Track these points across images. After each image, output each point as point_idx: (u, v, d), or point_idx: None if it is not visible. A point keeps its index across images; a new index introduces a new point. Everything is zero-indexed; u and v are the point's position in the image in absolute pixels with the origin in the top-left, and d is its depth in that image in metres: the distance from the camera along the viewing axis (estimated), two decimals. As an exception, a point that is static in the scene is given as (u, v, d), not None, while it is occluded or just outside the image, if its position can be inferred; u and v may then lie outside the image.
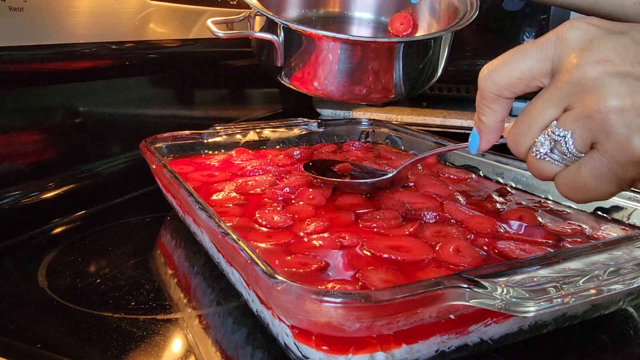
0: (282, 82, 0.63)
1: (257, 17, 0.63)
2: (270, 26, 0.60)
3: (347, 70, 0.58)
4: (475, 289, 0.31)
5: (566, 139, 0.31)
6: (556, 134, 0.32)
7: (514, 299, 0.30)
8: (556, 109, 0.32)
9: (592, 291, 0.32)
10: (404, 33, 0.70)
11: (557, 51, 0.31)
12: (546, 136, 0.32)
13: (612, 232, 0.49)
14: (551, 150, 0.32)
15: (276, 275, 0.31)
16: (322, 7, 0.76)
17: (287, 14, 0.74)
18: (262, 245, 0.45)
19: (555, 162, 0.33)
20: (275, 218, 0.50)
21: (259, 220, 0.50)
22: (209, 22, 0.60)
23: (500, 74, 0.34)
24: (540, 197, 0.58)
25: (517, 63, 0.33)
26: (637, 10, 0.50)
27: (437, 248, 0.44)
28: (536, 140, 0.33)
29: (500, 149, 0.66)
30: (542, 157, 0.33)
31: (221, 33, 0.59)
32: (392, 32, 0.72)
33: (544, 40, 0.32)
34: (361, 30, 0.75)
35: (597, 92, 0.29)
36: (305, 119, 0.83)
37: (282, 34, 0.58)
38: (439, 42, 0.60)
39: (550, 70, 0.32)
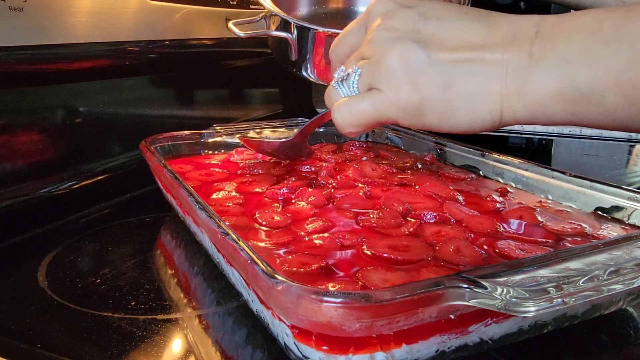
0: (297, 74, 0.71)
1: (273, 17, 0.70)
2: (284, 25, 0.68)
3: None
4: (475, 289, 0.31)
5: (354, 76, 0.40)
6: (349, 69, 0.40)
7: (514, 299, 0.30)
8: (357, 59, 0.40)
9: (592, 291, 0.32)
10: None
11: (367, 20, 0.41)
12: (342, 70, 0.41)
13: (612, 231, 0.49)
14: (341, 81, 0.41)
15: (276, 275, 0.31)
16: (329, 4, 0.83)
17: (299, 12, 0.82)
18: (262, 244, 0.45)
19: (340, 90, 0.41)
20: (275, 218, 0.50)
21: (259, 220, 0.50)
22: (230, 24, 0.69)
23: (338, 47, 0.45)
24: (540, 196, 0.58)
25: (346, 36, 0.45)
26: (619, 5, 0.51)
27: (437, 248, 0.44)
28: (337, 69, 0.42)
29: (501, 150, 0.66)
30: (333, 85, 0.42)
31: (242, 33, 0.68)
32: None
33: (361, 14, 0.43)
34: None
35: (383, 51, 0.38)
36: (305, 119, 0.83)
37: (295, 32, 0.66)
38: None
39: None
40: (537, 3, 1.14)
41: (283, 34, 0.67)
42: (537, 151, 1.11)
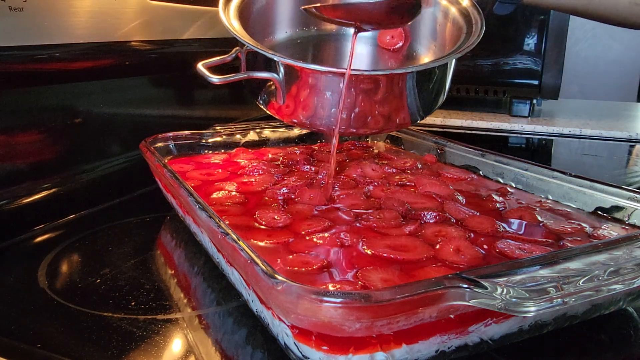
0: (280, 118, 0.58)
1: (250, 54, 0.58)
2: (266, 63, 0.55)
3: (358, 103, 0.53)
4: (475, 289, 0.31)
5: None
6: None
7: (514, 299, 0.30)
8: None
9: (592, 291, 0.32)
10: (395, 46, 0.66)
11: None
12: None
13: (612, 231, 0.49)
14: None
15: (276, 275, 0.31)
16: (314, 26, 0.69)
17: (275, 37, 0.68)
18: (262, 244, 0.45)
19: None
20: (275, 217, 0.50)
21: (259, 220, 0.50)
22: (200, 66, 0.55)
23: None
24: (541, 196, 0.58)
25: None
26: (633, 11, 0.51)
27: (437, 247, 0.44)
28: None
29: (501, 150, 0.66)
30: None
31: (216, 79, 0.54)
32: (381, 46, 0.67)
33: None
34: (360, 48, 0.68)
35: None
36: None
37: (281, 70, 0.53)
38: (447, 64, 0.57)
39: None
40: (537, 11, 1.14)
41: (266, 75, 0.54)
42: (537, 151, 1.11)
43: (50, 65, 0.61)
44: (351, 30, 0.59)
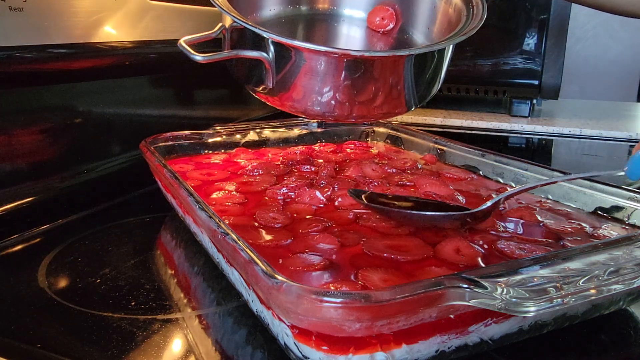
0: (271, 103, 0.54)
1: (236, 31, 0.54)
2: (254, 40, 0.50)
3: (356, 87, 0.50)
4: (475, 289, 0.31)
5: None
6: None
7: (514, 299, 0.30)
8: None
9: (592, 291, 0.32)
10: (386, 28, 0.64)
11: None
12: None
13: (612, 231, 0.49)
14: None
15: (276, 275, 0.31)
16: (304, 4, 0.66)
17: (261, 14, 0.64)
18: (262, 244, 0.45)
19: None
20: (275, 217, 0.50)
21: (259, 220, 0.50)
22: (182, 42, 0.52)
23: None
24: (541, 196, 0.58)
25: None
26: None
27: (437, 247, 0.44)
28: None
29: (501, 150, 0.66)
30: None
31: (200, 57, 0.50)
32: (370, 28, 0.65)
33: None
34: (352, 30, 0.66)
35: None
36: (305, 119, 0.83)
37: (272, 49, 0.49)
38: (447, 49, 0.54)
39: None
40: (538, 11, 1.14)
41: (256, 54, 0.50)
42: (537, 151, 1.11)
43: (50, 65, 0.61)
44: (342, 11, 0.56)
